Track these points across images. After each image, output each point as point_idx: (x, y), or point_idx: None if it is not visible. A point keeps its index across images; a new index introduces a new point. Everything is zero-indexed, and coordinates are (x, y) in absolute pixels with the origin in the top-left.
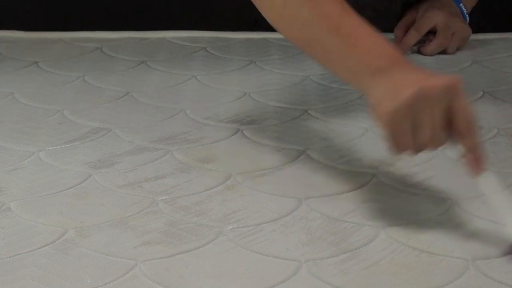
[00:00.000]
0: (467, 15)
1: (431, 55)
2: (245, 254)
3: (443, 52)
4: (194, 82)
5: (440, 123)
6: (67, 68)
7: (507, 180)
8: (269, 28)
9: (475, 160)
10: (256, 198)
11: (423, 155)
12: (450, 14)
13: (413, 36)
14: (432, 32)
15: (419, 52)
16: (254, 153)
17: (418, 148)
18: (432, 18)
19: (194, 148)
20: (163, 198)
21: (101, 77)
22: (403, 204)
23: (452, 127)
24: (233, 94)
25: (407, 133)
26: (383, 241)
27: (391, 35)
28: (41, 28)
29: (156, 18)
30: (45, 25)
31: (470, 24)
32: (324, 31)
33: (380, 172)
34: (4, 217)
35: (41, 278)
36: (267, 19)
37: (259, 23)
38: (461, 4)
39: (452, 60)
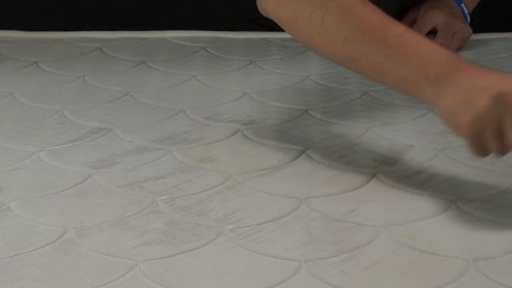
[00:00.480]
0: (468, 16)
1: None
2: (245, 254)
3: None
4: (194, 82)
5: None
6: (67, 68)
7: (507, 180)
8: (269, 28)
9: None
10: (256, 198)
11: (423, 156)
12: (450, 14)
13: None
14: (433, 32)
15: None
16: (254, 153)
17: (504, 151)
18: (433, 18)
19: (194, 148)
20: (163, 198)
21: (101, 77)
22: (403, 204)
23: None
24: (233, 94)
25: (490, 139)
26: (383, 241)
27: None
28: (41, 28)
29: (156, 18)
30: (45, 25)
31: (470, 24)
32: (370, 44)
33: (380, 172)
34: (4, 217)
35: (41, 278)
36: (298, 39)
37: (260, 22)
38: (462, 5)
39: None
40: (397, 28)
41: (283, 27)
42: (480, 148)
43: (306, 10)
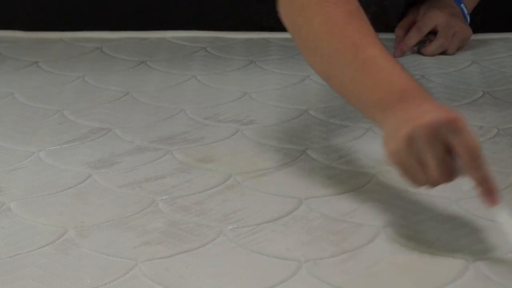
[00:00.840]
0: (467, 16)
1: (431, 56)
2: (245, 254)
3: (443, 52)
4: (194, 82)
5: (444, 158)
6: (67, 68)
7: (507, 180)
8: (269, 28)
9: (486, 193)
10: (256, 198)
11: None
12: (451, 15)
13: (414, 37)
14: (433, 32)
15: (419, 52)
16: (254, 153)
17: (431, 183)
18: (433, 18)
19: (194, 148)
20: (163, 198)
21: (101, 77)
22: (403, 204)
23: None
24: (233, 94)
25: (415, 170)
26: (383, 241)
27: (392, 35)
28: (41, 28)
29: (156, 18)
30: (45, 25)
31: (470, 24)
32: (339, 66)
33: (380, 172)
34: (4, 217)
35: (41, 278)
36: (296, 47)
37: (263, 24)
38: (462, 5)
39: (452, 60)
40: (369, 51)
41: None
42: (408, 179)
43: (298, 23)
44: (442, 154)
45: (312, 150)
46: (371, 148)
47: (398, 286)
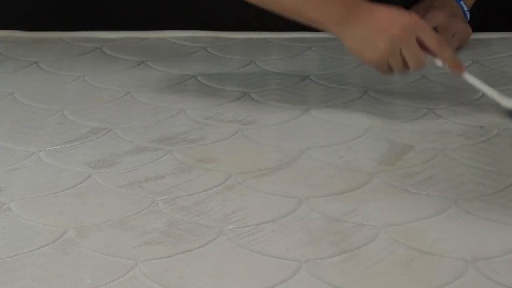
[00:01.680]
0: (467, 13)
1: None
2: (245, 254)
3: None
4: (194, 82)
5: (417, 50)
6: (67, 68)
7: (507, 180)
8: (269, 28)
9: (454, 66)
10: (256, 198)
11: (423, 156)
12: (451, 15)
13: None
14: None
15: None
16: (254, 153)
17: (407, 71)
18: (433, 19)
19: (194, 148)
20: (163, 198)
21: (101, 77)
22: (403, 204)
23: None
24: (233, 94)
25: (398, 65)
26: (383, 241)
27: None
28: (41, 28)
29: (156, 18)
30: (45, 25)
31: (470, 23)
32: None
33: (380, 172)
34: (4, 217)
35: (41, 278)
36: None
37: (263, 24)
38: (461, 2)
39: None
40: None
41: None
42: (387, 71)
43: None
44: (415, 47)
45: (312, 150)
46: (371, 148)
47: (398, 286)
